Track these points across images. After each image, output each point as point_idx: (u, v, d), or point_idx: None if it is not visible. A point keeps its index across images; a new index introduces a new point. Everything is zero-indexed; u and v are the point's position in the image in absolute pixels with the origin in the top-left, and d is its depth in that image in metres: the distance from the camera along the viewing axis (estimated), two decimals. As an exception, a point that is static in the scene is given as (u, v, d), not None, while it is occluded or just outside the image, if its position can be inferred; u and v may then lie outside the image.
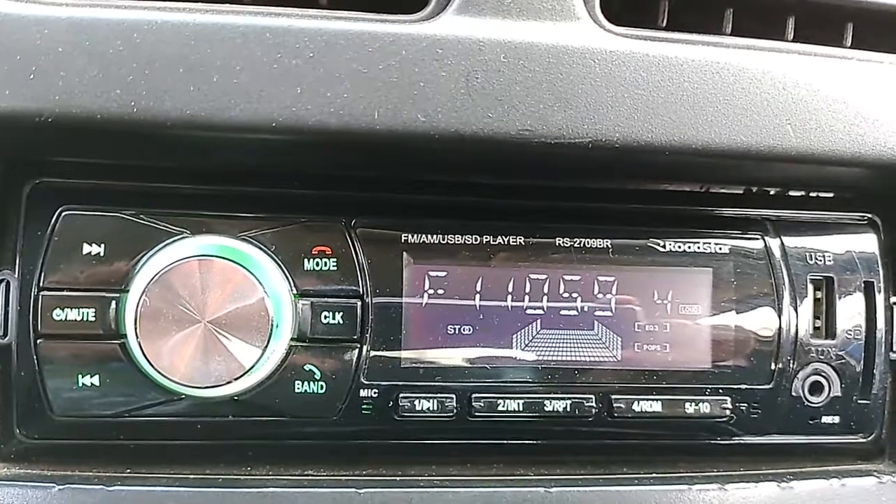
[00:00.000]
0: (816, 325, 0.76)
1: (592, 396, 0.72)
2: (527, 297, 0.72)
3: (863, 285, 0.77)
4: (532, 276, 0.72)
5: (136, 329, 0.63)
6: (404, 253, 0.70)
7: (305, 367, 0.68)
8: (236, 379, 0.65)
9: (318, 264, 0.69)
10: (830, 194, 0.78)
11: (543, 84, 0.62)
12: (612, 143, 0.62)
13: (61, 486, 0.64)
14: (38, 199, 0.67)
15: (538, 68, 0.61)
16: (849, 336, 0.76)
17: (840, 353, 0.76)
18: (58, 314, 0.65)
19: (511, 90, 0.61)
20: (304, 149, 0.63)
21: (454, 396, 0.70)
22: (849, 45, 0.71)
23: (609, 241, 0.73)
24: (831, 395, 0.76)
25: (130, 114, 0.58)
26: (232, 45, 0.59)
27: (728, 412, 0.74)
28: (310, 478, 0.68)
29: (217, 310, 0.64)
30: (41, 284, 0.66)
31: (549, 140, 0.62)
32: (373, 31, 0.60)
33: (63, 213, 0.66)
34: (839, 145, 0.67)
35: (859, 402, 0.77)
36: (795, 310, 0.75)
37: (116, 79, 0.58)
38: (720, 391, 0.74)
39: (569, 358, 0.72)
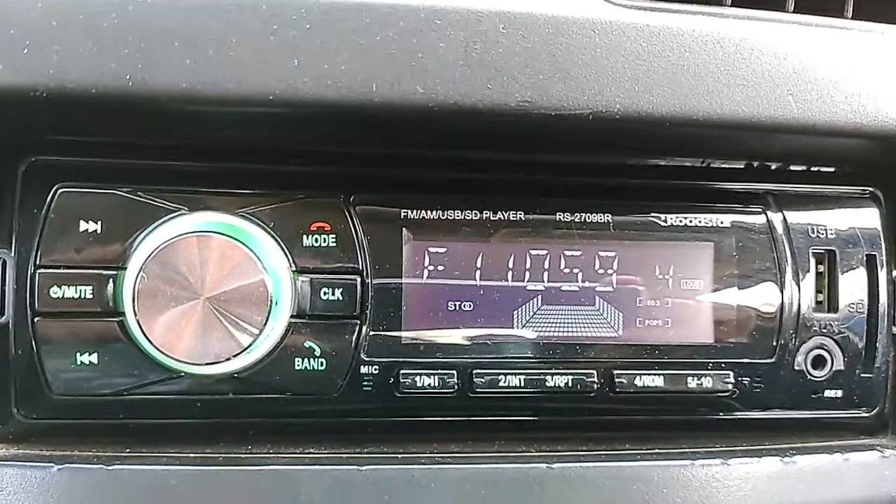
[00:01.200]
0: (819, 300, 0.76)
1: (594, 372, 0.72)
2: (527, 273, 0.71)
3: (865, 259, 0.77)
4: (533, 251, 0.72)
5: (134, 306, 0.63)
6: (403, 229, 0.70)
7: (305, 344, 0.68)
8: (236, 356, 0.64)
9: (316, 241, 0.68)
10: (832, 169, 0.78)
11: (543, 55, 0.61)
12: (612, 115, 0.62)
13: (60, 466, 0.63)
14: (34, 176, 0.66)
15: (538, 39, 0.61)
16: (851, 310, 0.76)
17: (842, 326, 0.76)
18: (55, 292, 0.65)
19: (510, 61, 0.60)
20: (301, 122, 0.63)
21: (455, 373, 0.70)
22: (850, 16, 0.71)
23: (610, 215, 0.73)
24: (834, 368, 0.76)
25: (125, 87, 0.57)
26: (228, 17, 0.58)
27: (730, 387, 0.74)
28: (311, 455, 0.68)
29: (215, 286, 0.63)
30: (38, 262, 0.65)
31: (550, 111, 0.61)
32: (370, 1, 0.59)
33: (59, 191, 0.66)
34: (840, 116, 0.66)
35: (862, 376, 0.77)
36: (797, 283, 0.75)
37: (111, 52, 0.57)
38: (722, 366, 0.74)
39: (570, 333, 0.72)
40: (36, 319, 0.65)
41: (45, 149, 0.67)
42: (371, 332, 0.69)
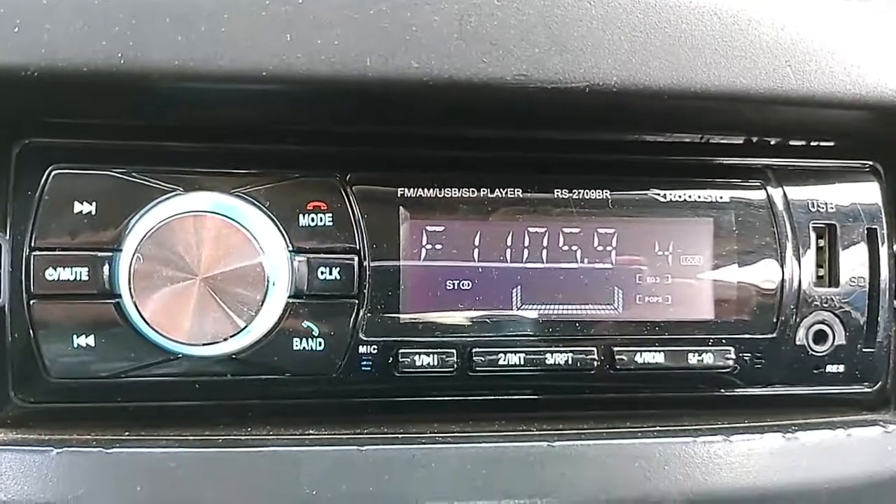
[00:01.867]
0: (819, 274, 0.76)
1: (594, 349, 0.71)
2: (526, 251, 0.71)
3: (866, 233, 0.76)
4: (531, 229, 0.71)
5: (130, 287, 0.63)
6: (401, 208, 0.70)
7: (303, 325, 0.68)
8: (233, 337, 0.64)
9: (313, 220, 0.68)
10: (831, 143, 0.77)
11: (539, 27, 0.60)
12: (609, 87, 0.61)
13: (59, 450, 0.63)
14: (28, 158, 0.66)
15: (533, 11, 0.60)
16: (852, 284, 0.76)
17: (844, 301, 0.75)
18: (50, 274, 0.64)
19: (506, 34, 0.60)
20: (295, 99, 0.62)
21: (454, 351, 0.70)
22: (848, -14, 0.70)
23: (609, 192, 0.72)
24: (835, 343, 0.75)
25: (117, 66, 0.57)
26: (219, -8, 0.57)
27: (731, 363, 0.73)
28: (311, 436, 0.68)
29: (212, 267, 0.63)
30: (33, 245, 0.65)
31: (546, 85, 0.60)
32: (363, -25, 0.59)
33: (53, 173, 0.65)
34: (839, 87, 0.66)
35: (864, 350, 0.76)
36: (798, 258, 0.75)
37: (102, 30, 0.57)
38: (723, 341, 0.73)
39: (570, 311, 0.71)
40: (32, 302, 0.65)
41: (39, 131, 0.66)
42: (369, 312, 0.69)
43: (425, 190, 0.70)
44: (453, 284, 0.70)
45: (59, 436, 0.65)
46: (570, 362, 0.71)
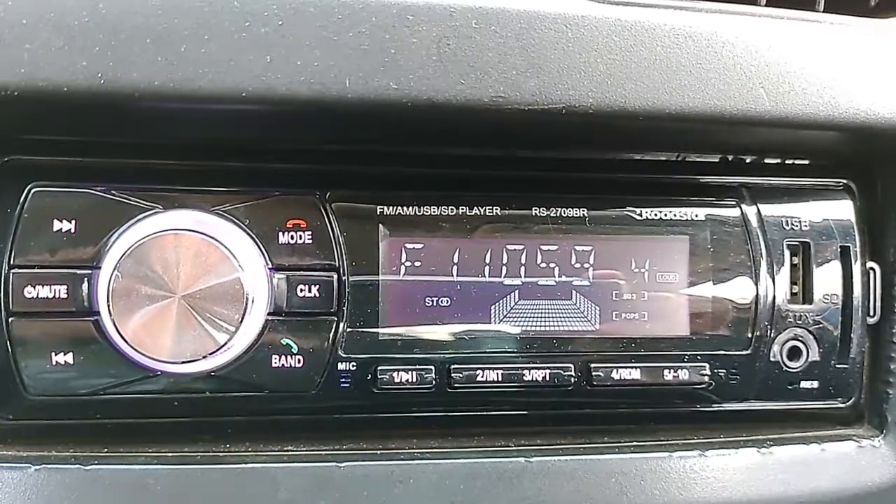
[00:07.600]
0: (794, 291, 0.76)
1: (571, 365, 0.72)
2: (504, 268, 0.72)
3: (839, 250, 0.77)
4: (509, 246, 0.72)
5: (108, 306, 0.63)
6: (380, 225, 0.70)
7: (282, 342, 0.68)
8: (212, 354, 0.64)
9: (292, 238, 0.68)
10: (806, 161, 0.79)
11: (515, 50, 0.61)
12: (585, 109, 0.62)
13: (37, 467, 0.63)
14: (8, 176, 0.66)
15: (510, 34, 0.61)
16: (826, 301, 0.77)
17: (817, 318, 0.76)
18: (29, 292, 0.64)
19: (483, 56, 0.61)
20: (275, 119, 0.63)
21: (433, 368, 0.70)
22: (821, 9, 0.72)
23: (586, 210, 0.73)
24: (809, 359, 0.76)
25: (97, 86, 0.57)
26: (199, 13, 0.58)
27: (707, 378, 0.74)
28: (290, 453, 0.68)
29: (191, 285, 0.63)
30: (12, 262, 0.65)
31: (523, 106, 0.61)
32: (342, -3, 0.60)
33: (33, 191, 0.65)
34: (812, 109, 0.67)
35: (837, 366, 0.77)
36: (772, 276, 0.75)
37: (82, 50, 0.57)
38: (698, 358, 0.74)
39: (547, 328, 0.72)
40: (10, 320, 0.65)
41: (19, 148, 0.66)
42: (348, 329, 0.69)
43: (404, 208, 0.71)
44: (432, 301, 0.71)
45: (38, 452, 0.65)
46: (547, 378, 0.72)
